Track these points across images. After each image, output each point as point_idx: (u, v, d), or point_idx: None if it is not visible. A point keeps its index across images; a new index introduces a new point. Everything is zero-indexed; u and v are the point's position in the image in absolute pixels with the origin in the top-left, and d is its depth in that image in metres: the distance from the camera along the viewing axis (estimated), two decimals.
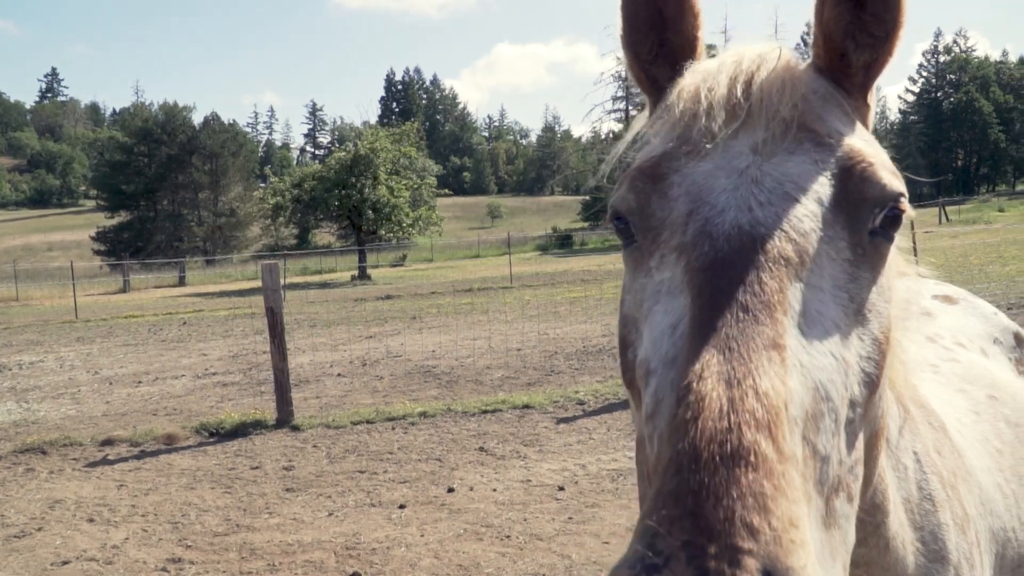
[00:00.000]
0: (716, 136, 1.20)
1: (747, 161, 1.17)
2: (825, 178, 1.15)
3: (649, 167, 1.23)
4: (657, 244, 1.18)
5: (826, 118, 1.21)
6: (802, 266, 1.07)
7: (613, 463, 8.02)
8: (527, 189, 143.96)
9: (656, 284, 1.15)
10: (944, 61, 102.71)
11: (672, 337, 1.05)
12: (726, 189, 1.14)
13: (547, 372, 13.01)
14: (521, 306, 23.11)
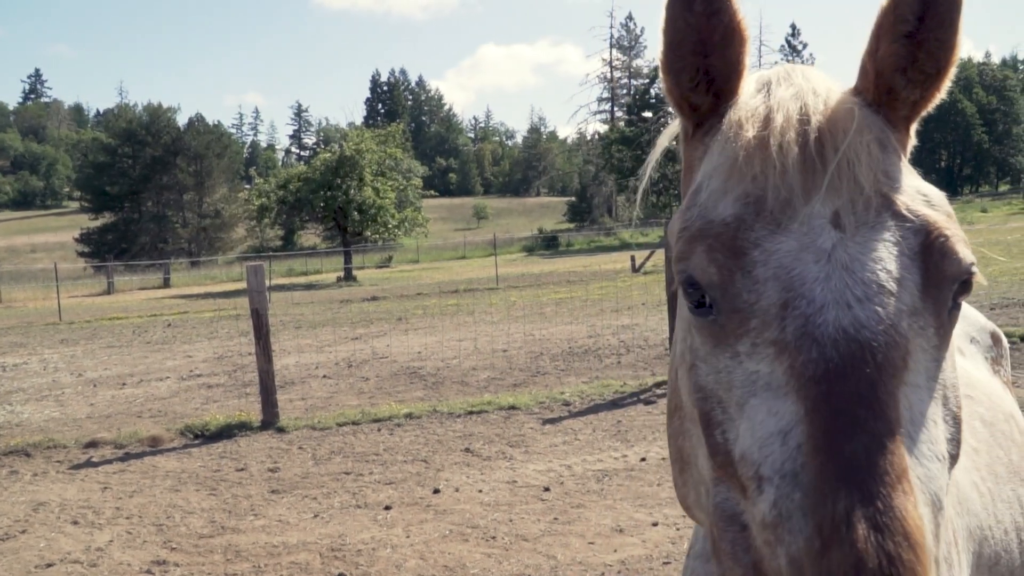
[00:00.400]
0: (794, 205, 1.15)
1: (831, 239, 1.13)
2: (910, 261, 1.13)
3: (728, 237, 1.16)
4: (746, 330, 1.14)
5: (896, 179, 1.18)
6: (905, 369, 1.07)
7: (599, 464, 8.05)
8: (513, 190, 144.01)
9: (749, 374, 1.12)
10: None
11: (786, 447, 1.04)
12: (819, 279, 1.10)
13: (533, 373, 13.03)
14: (507, 307, 23.14)
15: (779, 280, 1.11)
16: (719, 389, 1.17)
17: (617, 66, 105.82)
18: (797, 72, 1.31)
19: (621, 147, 74.46)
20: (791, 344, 1.08)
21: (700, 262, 1.18)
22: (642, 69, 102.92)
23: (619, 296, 23.68)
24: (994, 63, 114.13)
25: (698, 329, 1.22)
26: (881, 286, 1.09)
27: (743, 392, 1.12)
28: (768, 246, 1.14)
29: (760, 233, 1.15)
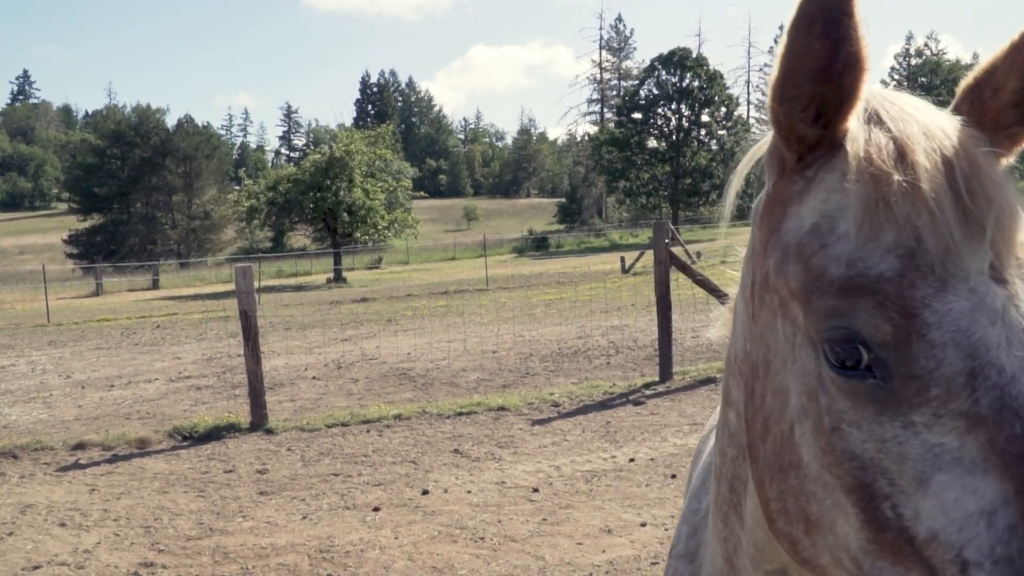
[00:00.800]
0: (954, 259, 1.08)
1: (1000, 298, 1.07)
2: None
3: (896, 295, 1.08)
4: (925, 399, 1.06)
5: None
6: None
7: (587, 464, 8.07)
8: (503, 191, 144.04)
9: (929, 446, 1.05)
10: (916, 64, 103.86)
11: (992, 528, 0.99)
12: (1000, 345, 1.05)
13: (522, 374, 13.05)
14: (497, 308, 23.16)
15: (959, 346, 1.04)
16: (885, 460, 1.09)
17: (607, 67, 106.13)
18: (903, 100, 1.23)
19: (611, 148, 74.64)
20: (988, 418, 1.02)
21: (872, 320, 1.08)
22: (631, 70, 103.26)
23: (609, 297, 23.72)
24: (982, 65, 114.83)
25: (847, 392, 1.12)
26: None
27: (923, 466, 1.05)
28: (938, 306, 1.06)
29: (924, 291, 1.06)
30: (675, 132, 74.25)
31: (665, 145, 74.58)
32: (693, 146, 74.03)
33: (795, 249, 1.18)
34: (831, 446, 1.13)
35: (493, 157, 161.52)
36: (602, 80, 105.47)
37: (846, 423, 1.12)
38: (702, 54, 77.49)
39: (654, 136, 75.71)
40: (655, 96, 74.60)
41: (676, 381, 11.44)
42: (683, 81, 73.57)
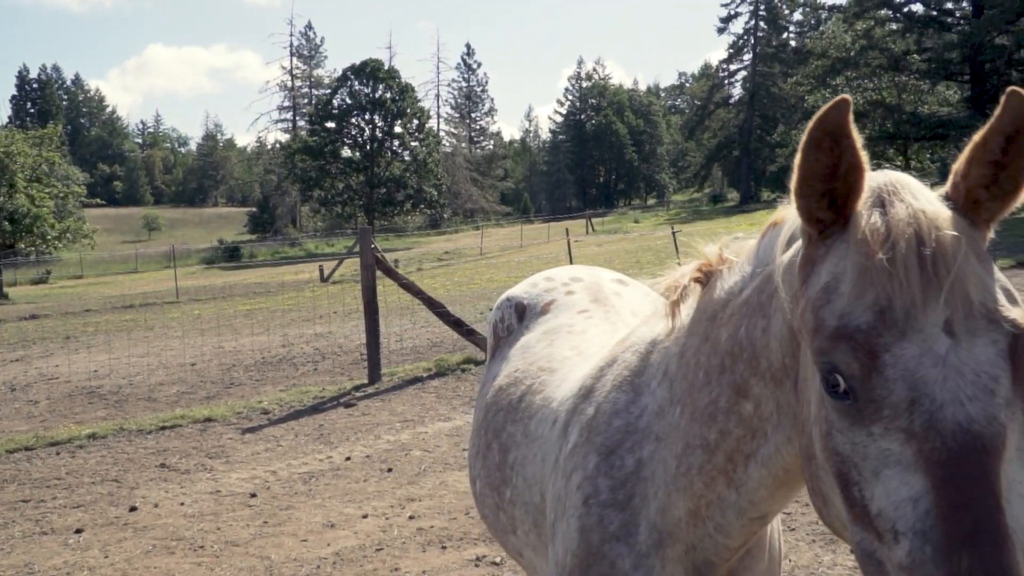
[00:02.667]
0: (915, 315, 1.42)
1: (944, 346, 1.41)
2: (1004, 360, 1.41)
3: (865, 341, 1.44)
4: (880, 416, 1.42)
5: (991, 289, 1.46)
6: (1003, 449, 1.37)
7: (304, 467, 8.12)
8: (188, 200, 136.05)
9: (882, 450, 1.43)
10: (586, 86, 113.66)
11: (916, 510, 1.36)
12: (937, 381, 1.39)
13: (226, 385, 12.67)
14: (191, 321, 22.05)
15: (906, 381, 1.40)
16: (855, 456, 1.47)
17: (298, 75, 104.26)
18: (905, 186, 1.58)
19: (304, 157, 73.48)
20: (919, 434, 1.38)
21: (845, 359, 1.46)
22: (323, 79, 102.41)
23: (310, 306, 23.54)
24: (641, 90, 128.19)
25: (834, 408, 1.50)
26: (985, 386, 1.38)
27: (877, 463, 1.43)
28: (896, 351, 1.42)
29: (888, 339, 1.42)
30: (369, 142, 74.79)
31: (359, 155, 74.83)
32: (387, 156, 75.05)
33: (812, 301, 1.58)
34: (826, 444, 1.55)
35: (176, 164, 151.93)
36: (293, 88, 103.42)
37: (835, 429, 1.52)
38: (394, 66, 78.95)
39: (348, 145, 75.66)
40: (349, 106, 74.61)
41: (385, 382, 11.77)
42: (376, 92, 74.34)
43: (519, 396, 2.80)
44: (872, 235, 1.50)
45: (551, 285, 3.36)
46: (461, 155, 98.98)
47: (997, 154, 1.49)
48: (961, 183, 1.54)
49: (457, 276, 30.60)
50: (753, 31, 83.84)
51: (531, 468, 2.54)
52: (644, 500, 2.03)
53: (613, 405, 2.17)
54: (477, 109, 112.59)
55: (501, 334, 3.35)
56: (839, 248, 1.56)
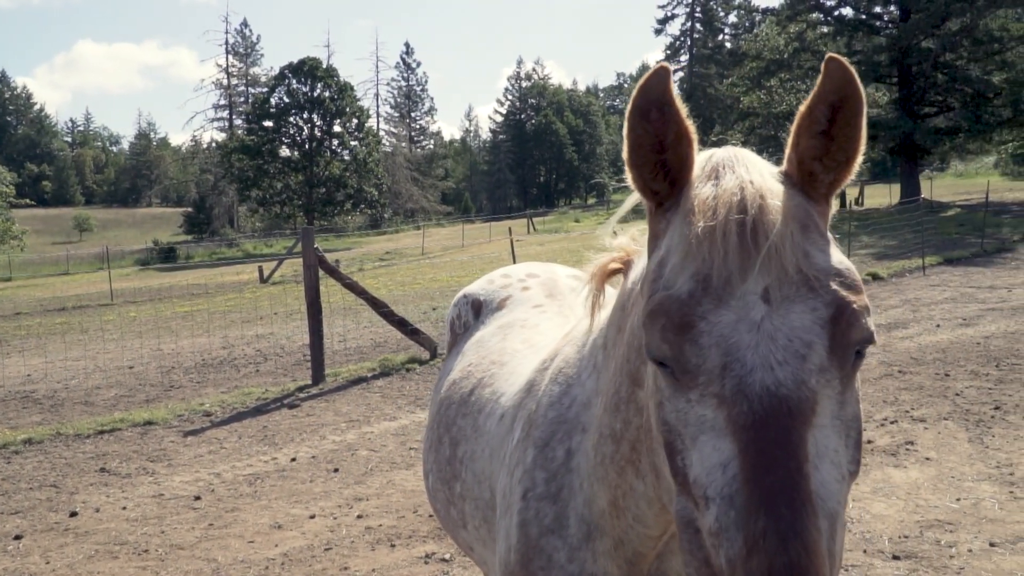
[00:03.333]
0: (733, 283, 1.43)
1: (760, 312, 1.42)
2: (821, 328, 1.41)
3: (678, 313, 1.45)
4: (696, 384, 1.44)
5: (814, 259, 1.46)
6: (813, 415, 1.37)
7: (249, 468, 8.05)
8: (121, 200, 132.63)
9: (699, 416, 1.44)
10: (526, 86, 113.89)
11: (724, 475, 1.37)
12: (750, 346, 1.40)
13: (167, 387, 12.45)
14: (127, 323, 21.57)
15: (720, 347, 1.42)
16: (679, 424, 1.48)
17: (234, 73, 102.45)
18: (740, 160, 1.58)
19: (242, 156, 72.19)
20: (728, 398, 1.39)
21: (656, 343, 1.48)
22: (260, 77, 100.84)
23: (250, 307, 23.21)
24: (580, 90, 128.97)
25: (662, 376, 1.52)
26: (796, 351, 1.39)
27: (695, 430, 1.44)
28: (712, 319, 1.43)
29: (707, 307, 1.44)
30: (308, 141, 73.87)
31: (298, 154, 73.85)
32: (326, 156, 74.20)
33: (649, 275, 1.60)
34: (657, 415, 1.57)
35: (107, 163, 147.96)
36: (229, 86, 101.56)
37: (664, 398, 1.54)
38: (332, 65, 78.13)
39: (287, 145, 74.58)
40: (286, 105, 73.55)
41: (329, 383, 11.70)
42: (314, 91, 73.47)
43: (470, 390, 2.84)
44: (699, 205, 1.50)
45: (507, 282, 3.43)
46: (401, 155, 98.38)
47: (824, 124, 1.49)
48: (793, 156, 1.55)
49: (399, 276, 30.47)
50: (689, 33, 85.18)
51: (480, 463, 2.56)
52: (572, 492, 2.05)
53: (549, 398, 2.20)
54: (417, 108, 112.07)
55: (458, 331, 3.41)
56: (674, 221, 1.56)
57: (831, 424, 1.40)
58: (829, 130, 1.50)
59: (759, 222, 1.45)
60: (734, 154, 1.60)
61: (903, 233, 25.21)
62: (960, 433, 7.45)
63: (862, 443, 1.49)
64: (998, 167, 63.37)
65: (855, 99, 1.48)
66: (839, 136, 1.50)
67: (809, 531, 1.27)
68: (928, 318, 13.40)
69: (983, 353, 10.47)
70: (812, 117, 1.50)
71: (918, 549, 5.25)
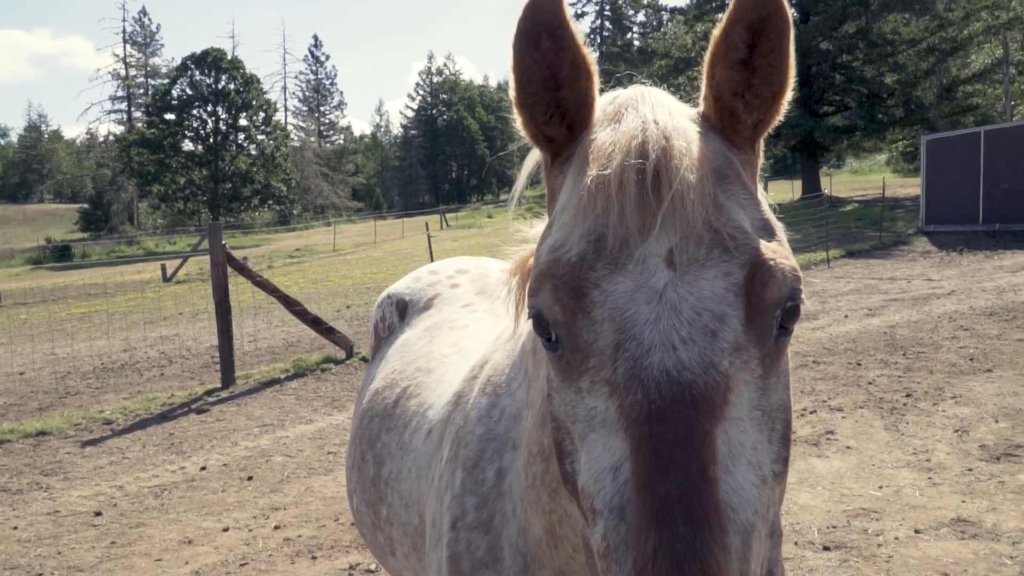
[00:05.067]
0: (631, 244, 1.18)
1: (664, 279, 1.16)
2: (735, 296, 1.16)
3: (570, 277, 1.20)
4: (586, 367, 1.18)
5: (729, 212, 1.21)
6: (725, 405, 1.12)
7: (155, 479, 7.59)
8: (9, 196, 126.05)
9: (588, 409, 1.18)
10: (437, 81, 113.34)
11: (615, 482, 1.10)
12: (649, 320, 1.14)
13: (61, 395, 11.73)
14: (17, 326, 20.39)
15: (614, 321, 1.16)
16: (567, 421, 1.23)
17: (132, 63, 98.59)
18: (646, 99, 1.32)
19: (142, 150, 69.55)
20: (621, 385, 1.13)
21: (547, 301, 1.22)
22: (160, 68, 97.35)
23: (152, 307, 22.27)
24: (492, 86, 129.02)
25: (551, 362, 1.26)
26: (705, 326, 1.14)
27: (584, 426, 1.18)
28: (606, 287, 1.17)
29: (600, 273, 1.18)
30: (212, 135, 71.69)
31: (202, 148, 71.58)
32: (232, 150, 72.16)
33: (540, 238, 1.34)
34: (548, 411, 1.30)
35: None
36: (128, 77, 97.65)
37: (553, 390, 1.28)
38: (237, 56, 75.93)
39: (190, 138, 72.23)
40: (189, 97, 71.17)
41: (240, 385, 11.22)
42: (219, 83, 71.32)
43: (394, 401, 2.57)
44: (595, 152, 1.25)
45: (435, 279, 3.19)
46: (310, 149, 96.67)
47: (743, 51, 1.25)
48: (709, 93, 1.30)
49: (311, 274, 29.78)
50: (599, 30, 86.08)
51: (407, 485, 2.29)
52: (504, 519, 1.77)
53: (478, 411, 1.94)
54: (326, 102, 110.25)
55: (382, 334, 3.15)
56: (570, 173, 1.31)
57: (748, 416, 1.15)
58: (750, 59, 1.25)
59: (663, 168, 1.19)
60: (641, 93, 1.35)
61: (806, 227, 25.94)
62: (876, 421, 7.58)
63: (790, 437, 1.25)
64: (890, 164, 66.10)
65: (778, 18, 1.22)
66: (762, 66, 1.25)
67: (712, 551, 1.01)
68: (836, 309, 13.73)
69: (890, 342, 10.75)
70: (728, 43, 1.24)
71: (847, 539, 5.27)
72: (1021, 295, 13.54)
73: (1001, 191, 23.61)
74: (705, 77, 1.30)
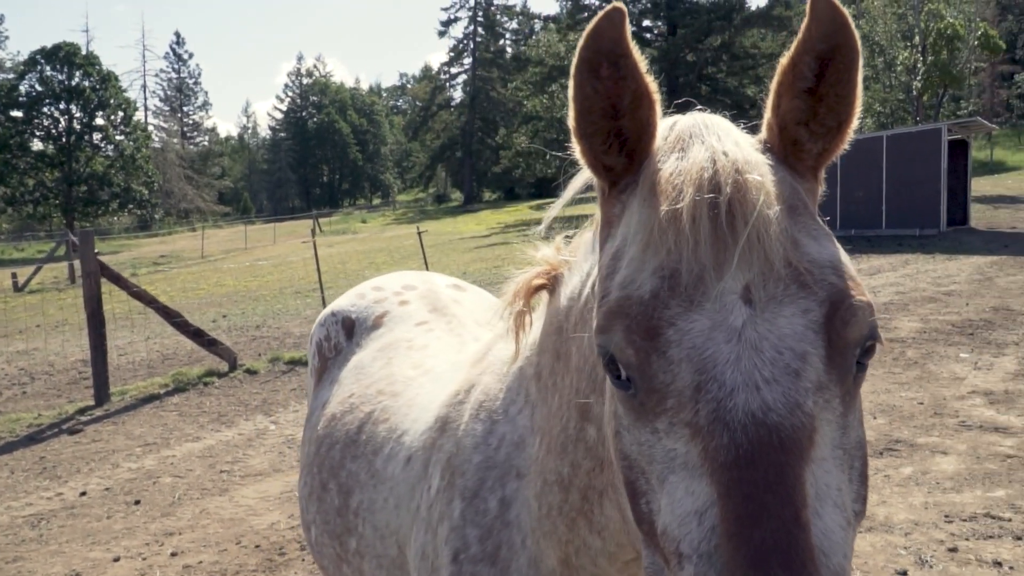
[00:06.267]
0: (706, 281, 1.15)
1: (742, 317, 1.14)
2: (815, 334, 1.14)
3: (644, 316, 1.16)
4: (664, 409, 1.15)
5: (804, 247, 1.19)
6: (811, 446, 1.09)
7: (29, 508, 7.05)
8: None
9: (667, 451, 1.15)
10: (307, 83, 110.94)
11: (701, 527, 1.08)
12: (729, 360, 1.12)
13: None
14: None
15: (692, 362, 1.13)
16: (642, 460, 1.19)
17: None
18: (711, 128, 1.29)
19: None
20: (704, 428, 1.10)
21: (619, 342, 1.19)
22: (4, 62, 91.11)
23: (4, 320, 20.78)
24: (363, 89, 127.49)
25: (620, 400, 1.23)
26: (787, 365, 1.11)
27: (663, 468, 1.15)
28: (682, 325, 1.14)
29: (675, 311, 1.15)
30: (65, 135, 67.57)
31: (54, 148, 67.33)
32: (87, 151, 68.24)
33: (601, 271, 1.29)
34: (616, 447, 1.26)
35: None
36: None
37: (623, 428, 1.24)
38: (92, 52, 71.95)
39: (40, 138, 67.82)
40: (39, 94, 66.77)
41: (115, 403, 10.60)
42: (72, 79, 67.33)
43: (357, 426, 2.46)
44: (663, 184, 1.23)
45: (381, 295, 3.08)
46: (173, 151, 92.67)
47: (811, 80, 1.24)
48: (774, 121, 1.29)
49: (179, 282, 28.54)
50: (472, 36, 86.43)
51: (383, 515, 2.19)
52: (512, 551, 1.73)
53: (473, 439, 1.88)
54: (190, 102, 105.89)
55: (328, 354, 3.00)
56: (633, 204, 1.29)
57: (832, 456, 1.13)
58: (816, 88, 1.24)
59: (736, 202, 1.17)
60: (703, 121, 1.32)
61: None
62: None
63: (868, 474, 1.24)
64: None
65: (848, 47, 1.21)
66: (829, 95, 1.24)
67: None
68: None
69: None
70: (796, 71, 1.22)
71: None
72: (881, 296, 14.43)
73: (856, 198, 25.16)
74: (770, 106, 1.28)
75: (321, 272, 16.92)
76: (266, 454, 8.14)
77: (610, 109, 1.27)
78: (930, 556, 4.93)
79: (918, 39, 49.37)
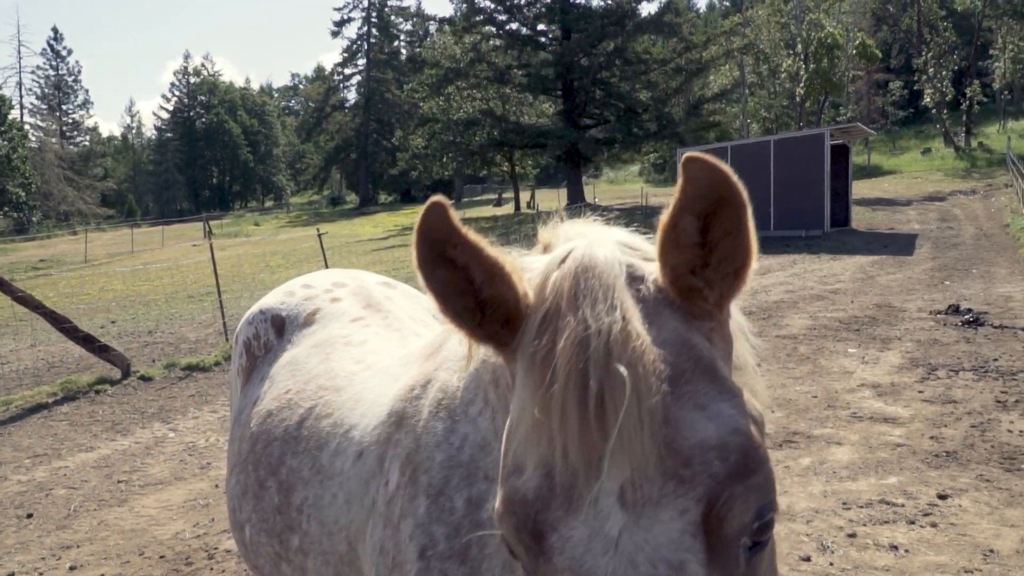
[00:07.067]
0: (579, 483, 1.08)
1: (618, 524, 1.07)
2: (692, 538, 1.06)
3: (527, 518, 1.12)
4: None
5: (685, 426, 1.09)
6: None
7: None
8: None
9: None
10: (194, 82, 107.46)
11: None
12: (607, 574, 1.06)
13: None
14: None
15: (574, 573, 1.08)
16: None
17: None
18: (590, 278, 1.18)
19: None
20: None
21: (511, 539, 1.17)
22: None
23: None
24: (254, 89, 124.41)
25: None
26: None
27: None
28: (563, 532, 1.10)
29: (556, 514, 1.10)
30: None
31: None
32: None
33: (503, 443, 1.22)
34: None
35: None
36: None
37: None
38: None
39: None
40: None
41: None
42: None
43: (297, 422, 2.42)
44: (536, 366, 1.14)
45: (311, 292, 3.05)
46: (52, 151, 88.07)
47: (695, 236, 1.14)
48: (666, 269, 1.18)
49: (62, 287, 27.20)
50: (366, 37, 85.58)
51: (331, 511, 2.15)
52: (482, 550, 1.72)
53: (433, 436, 1.86)
54: (69, 101, 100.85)
55: (257, 352, 2.95)
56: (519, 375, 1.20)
57: None
58: (705, 241, 1.14)
59: (607, 396, 1.06)
60: (584, 265, 1.19)
61: None
62: None
63: None
64: (642, 175, 70.97)
65: (733, 203, 1.11)
66: (720, 246, 1.14)
67: None
68: None
69: None
70: (678, 230, 1.13)
71: None
72: (772, 295, 15.08)
73: None
74: (658, 253, 1.17)
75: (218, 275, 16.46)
76: (166, 462, 7.90)
77: (467, 286, 1.24)
78: (831, 542, 5.16)
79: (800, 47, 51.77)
